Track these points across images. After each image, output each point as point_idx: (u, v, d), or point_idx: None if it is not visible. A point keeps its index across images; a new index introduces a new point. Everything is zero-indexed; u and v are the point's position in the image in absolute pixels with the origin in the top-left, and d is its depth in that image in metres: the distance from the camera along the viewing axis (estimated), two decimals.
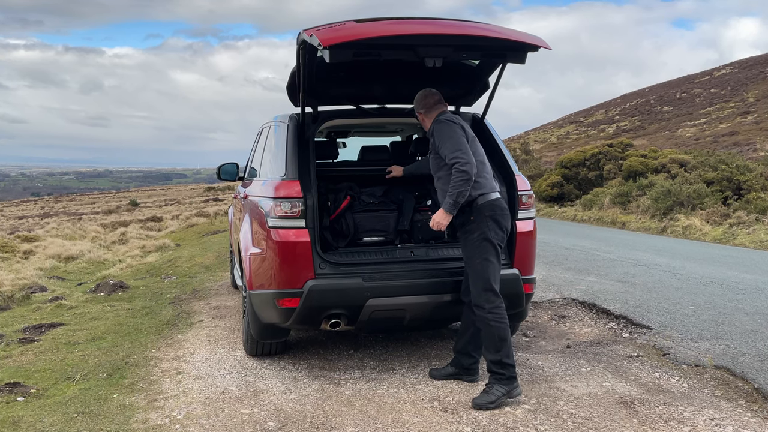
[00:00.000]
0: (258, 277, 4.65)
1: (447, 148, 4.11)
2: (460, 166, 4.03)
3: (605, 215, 19.33)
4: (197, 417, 3.91)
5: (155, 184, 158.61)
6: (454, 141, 4.12)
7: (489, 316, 4.09)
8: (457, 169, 4.04)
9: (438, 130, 4.22)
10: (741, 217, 14.53)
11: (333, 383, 4.49)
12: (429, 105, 4.45)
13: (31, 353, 5.37)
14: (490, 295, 4.12)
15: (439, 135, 4.20)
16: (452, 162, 4.06)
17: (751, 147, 32.27)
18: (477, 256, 4.14)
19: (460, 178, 4.03)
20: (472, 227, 4.15)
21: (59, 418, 3.92)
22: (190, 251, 12.78)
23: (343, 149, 6.44)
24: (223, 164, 7.05)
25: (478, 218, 4.14)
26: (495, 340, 4.08)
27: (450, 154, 4.08)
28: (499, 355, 4.07)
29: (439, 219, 4.14)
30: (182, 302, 7.48)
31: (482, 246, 4.14)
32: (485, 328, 4.12)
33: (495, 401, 3.98)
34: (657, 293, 7.21)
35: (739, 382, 4.38)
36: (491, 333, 4.09)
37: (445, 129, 4.19)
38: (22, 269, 10.86)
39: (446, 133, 4.17)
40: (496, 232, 4.17)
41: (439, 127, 4.22)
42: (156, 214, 32.80)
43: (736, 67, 62.66)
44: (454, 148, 4.09)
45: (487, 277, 4.13)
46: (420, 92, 4.52)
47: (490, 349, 4.11)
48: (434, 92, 4.48)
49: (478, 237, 4.14)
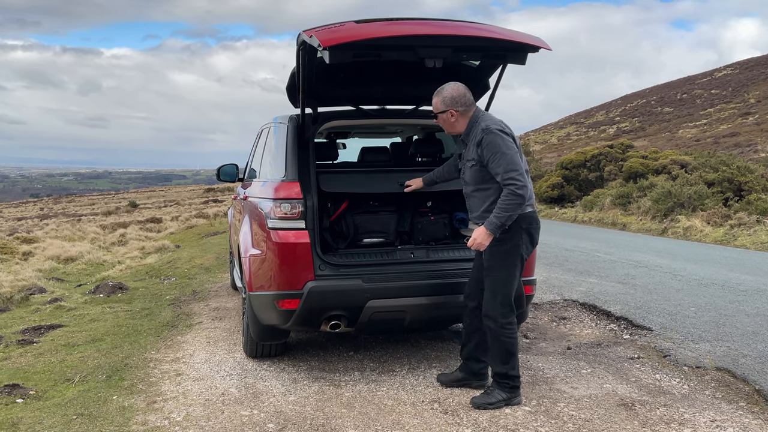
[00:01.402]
0: (258, 278, 4.64)
1: (501, 166, 3.81)
2: (516, 189, 3.78)
3: (606, 216, 19.32)
4: (197, 419, 3.90)
5: (155, 185, 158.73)
6: (510, 158, 3.82)
7: (501, 331, 3.98)
8: (512, 192, 3.78)
9: (491, 142, 3.86)
10: (742, 219, 14.52)
11: (333, 385, 4.48)
12: (469, 103, 4.07)
13: (30, 355, 5.36)
14: (507, 310, 3.99)
15: (491, 148, 3.85)
16: (507, 183, 3.79)
17: (752, 148, 32.26)
18: (504, 268, 3.97)
19: (514, 201, 3.79)
20: (505, 237, 3.92)
21: (58, 420, 3.91)
22: (190, 252, 12.77)
23: (343, 150, 6.44)
24: (223, 165, 7.04)
25: (513, 229, 3.92)
26: (503, 354, 4.02)
27: (505, 173, 3.80)
28: (506, 368, 4.02)
29: (481, 240, 3.88)
30: (182, 304, 7.46)
31: (511, 258, 3.97)
32: (494, 341, 4.03)
33: (494, 403, 3.97)
34: (658, 295, 7.20)
35: (740, 384, 4.37)
36: (500, 347, 4.01)
37: (499, 142, 3.85)
38: (21, 270, 10.85)
39: (501, 147, 3.84)
40: (527, 246, 4.01)
41: (492, 139, 3.86)
42: (155, 215, 32.80)
43: (737, 67, 62.66)
44: (510, 167, 3.80)
45: (509, 292, 3.99)
46: (453, 87, 4.09)
47: (497, 361, 4.04)
48: (467, 89, 4.13)
49: (509, 248, 3.95)
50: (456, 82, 4.17)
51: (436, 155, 5.73)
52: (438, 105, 4.12)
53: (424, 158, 5.89)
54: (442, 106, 4.09)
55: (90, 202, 62.07)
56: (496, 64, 4.79)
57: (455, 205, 5.26)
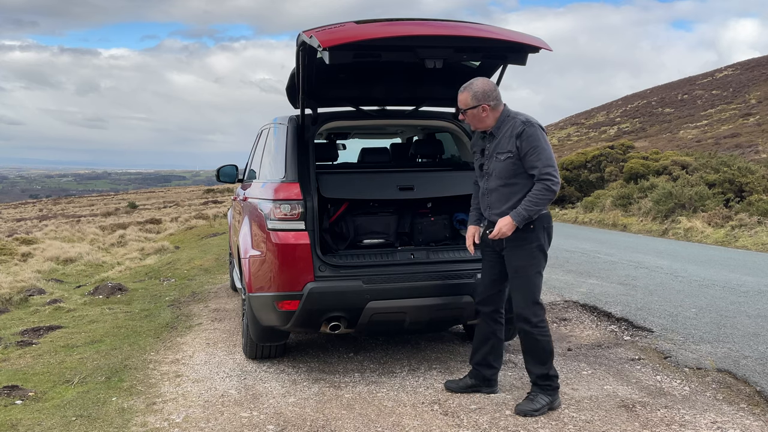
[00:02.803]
0: (257, 279, 4.63)
1: (540, 160, 3.82)
2: (552, 184, 3.81)
3: (606, 217, 19.30)
4: (196, 420, 3.89)
5: (154, 186, 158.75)
6: (548, 154, 3.85)
7: (535, 330, 3.94)
8: (547, 187, 3.81)
9: (532, 134, 3.85)
10: (743, 220, 14.49)
11: (333, 386, 4.47)
12: (499, 96, 4.00)
13: (30, 356, 5.35)
14: (538, 309, 3.96)
15: (531, 141, 3.84)
16: (545, 177, 3.81)
17: (753, 149, 32.23)
18: (532, 267, 3.95)
19: (546, 196, 3.82)
20: (530, 236, 3.92)
21: (57, 421, 3.90)
22: (189, 254, 12.77)
23: (343, 151, 6.43)
24: (223, 166, 7.04)
25: (537, 228, 3.92)
26: (541, 354, 3.97)
27: (543, 167, 3.81)
28: (546, 368, 3.97)
29: (506, 229, 3.87)
30: (181, 305, 7.45)
31: (538, 257, 3.96)
32: (530, 342, 3.98)
33: (539, 409, 3.91)
34: (658, 296, 7.18)
35: (741, 386, 4.35)
36: (537, 347, 3.96)
37: (540, 136, 3.87)
38: (20, 272, 10.84)
39: (541, 141, 3.86)
40: (548, 244, 4.02)
41: (534, 132, 3.86)
42: (155, 216, 32.82)
43: (738, 68, 62.63)
44: (548, 162, 3.83)
45: (537, 291, 3.97)
46: (483, 81, 4.01)
47: (536, 362, 3.98)
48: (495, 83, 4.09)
49: (535, 248, 3.94)
50: (483, 77, 4.10)
51: (435, 156, 5.72)
52: (468, 101, 3.97)
53: (424, 159, 5.88)
54: (473, 101, 3.95)
55: (89, 203, 62.09)
56: (497, 65, 4.78)
57: (455, 206, 5.25)
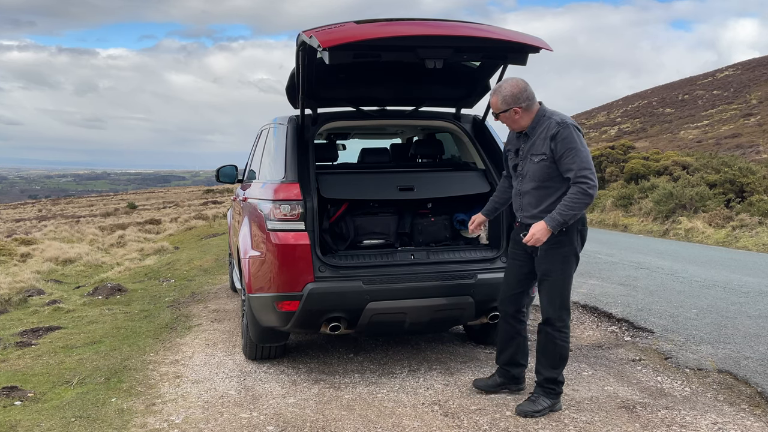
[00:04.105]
0: (257, 280, 4.62)
1: (576, 162, 3.70)
2: (588, 188, 3.68)
3: (607, 218, 19.29)
4: (196, 421, 3.88)
5: (153, 186, 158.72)
6: (585, 156, 3.72)
7: (557, 335, 3.92)
8: (583, 191, 3.68)
9: (567, 136, 3.73)
10: (744, 220, 14.48)
11: (333, 387, 4.46)
12: (531, 96, 3.86)
13: (29, 357, 5.34)
14: (565, 314, 3.92)
15: (566, 143, 3.73)
16: (581, 180, 3.69)
17: (753, 149, 32.21)
18: (563, 272, 3.88)
19: (582, 201, 3.70)
20: (563, 240, 3.83)
21: (57, 422, 3.89)
22: (189, 254, 12.76)
23: (343, 151, 6.42)
24: (222, 166, 7.03)
25: (571, 231, 3.84)
26: (556, 359, 3.96)
27: (579, 170, 3.69)
28: (556, 373, 3.96)
29: (540, 235, 3.76)
30: (181, 305, 7.44)
31: (570, 261, 3.89)
32: (549, 345, 3.96)
33: (541, 411, 3.90)
34: (659, 296, 7.17)
35: (741, 386, 4.34)
36: (554, 351, 3.94)
37: (575, 138, 3.74)
38: (20, 272, 10.83)
39: (577, 143, 3.74)
40: (580, 247, 3.94)
41: (569, 134, 3.74)
42: (154, 216, 32.82)
43: (739, 68, 62.59)
44: (584, 164, 3.70)
45: (568, 295, 3.93)
46: (512, 83, 3.88)
47: (548, 366, 3.97)
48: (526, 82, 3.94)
49: (568, 251, 3.87)
50: (514, 77, 3.96)
51: (436, 156, 5.71)
52: (498, 104, 3.89)
53: (425, 159, 5.87)
54: (503, 105, 3.87)
55: (88, 204, 62.09)
56: (497, 65, 4.77)
57: (455, 207, 5.23)
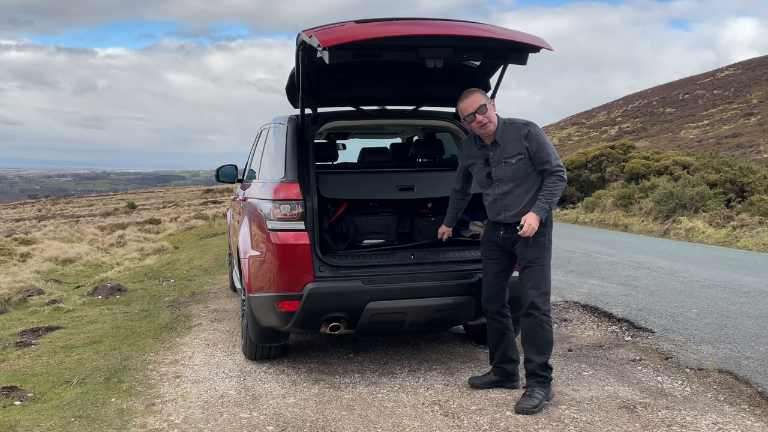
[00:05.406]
0: (257, 280, 4.61)
1: (551, 154, 4.06)
2: (563, 175, 4.07)
3: (607, 218, 19.28)
4: (196, 421, 3.87)
5: (153, 186, 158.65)
6: (552, 148, 4.12)
7: (544, 319, 4.06)
8: (560, 177, 4.05)
9: (537, 133, 4.09)
10: (744, 220, 14.47)
11: (333, 387, 4.46)
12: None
13: (28, 357, 5.34)
14: (546, 299, 4.10)
15: (538, 138, 4.08)
16: (557, 170, 4.04)
17: (754, 149, 32.18)
18: (545, 258, 4.12)
19: (560, 186, 4.06)
20: (543, 230, 4.07)
21: (56, 422, 3.89)
22: (189, 254, 12.76)
23: (343, 151, 6.41)
24: (222, 166, 7.02)
25: (548, 221, 4.13)
26: (543, 344, 4.07)
27: (554, 160, 4.05)
28: (545, 357, 4.07)
29: (536, 224, 3.99)
30: (180, 305, 7.44)
31: (549, 248, 4.15)
32: (537, 330, 4.07)
33: (538, 404, 3.96)
34: (659, 296, 7.16)
35: (742, 386, 4.33)
36: (543, 336, 4.07)
37: (542, 134, 4.12)
38: (19, 272, 10.83)
39: (545, 138, 4.12)
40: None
41: (537, 131, 4.10)
42: (154, 216, 32.83)
43: (739, 68, 62.54)
44: (555, 156, 4.08)
45: (549, 281, 4.14)
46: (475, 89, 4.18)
47: (538, 351, 4.07)
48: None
49: (548, 240, 4.13)
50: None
51: (436, 156, 5.70)
52: (480, 98, 4.13)
53: (425, 159, 5.86)
54: (483, 98, 4.13)
55: (88, 203, 62.09)
56: (497, 65, 4.76)
57: None
